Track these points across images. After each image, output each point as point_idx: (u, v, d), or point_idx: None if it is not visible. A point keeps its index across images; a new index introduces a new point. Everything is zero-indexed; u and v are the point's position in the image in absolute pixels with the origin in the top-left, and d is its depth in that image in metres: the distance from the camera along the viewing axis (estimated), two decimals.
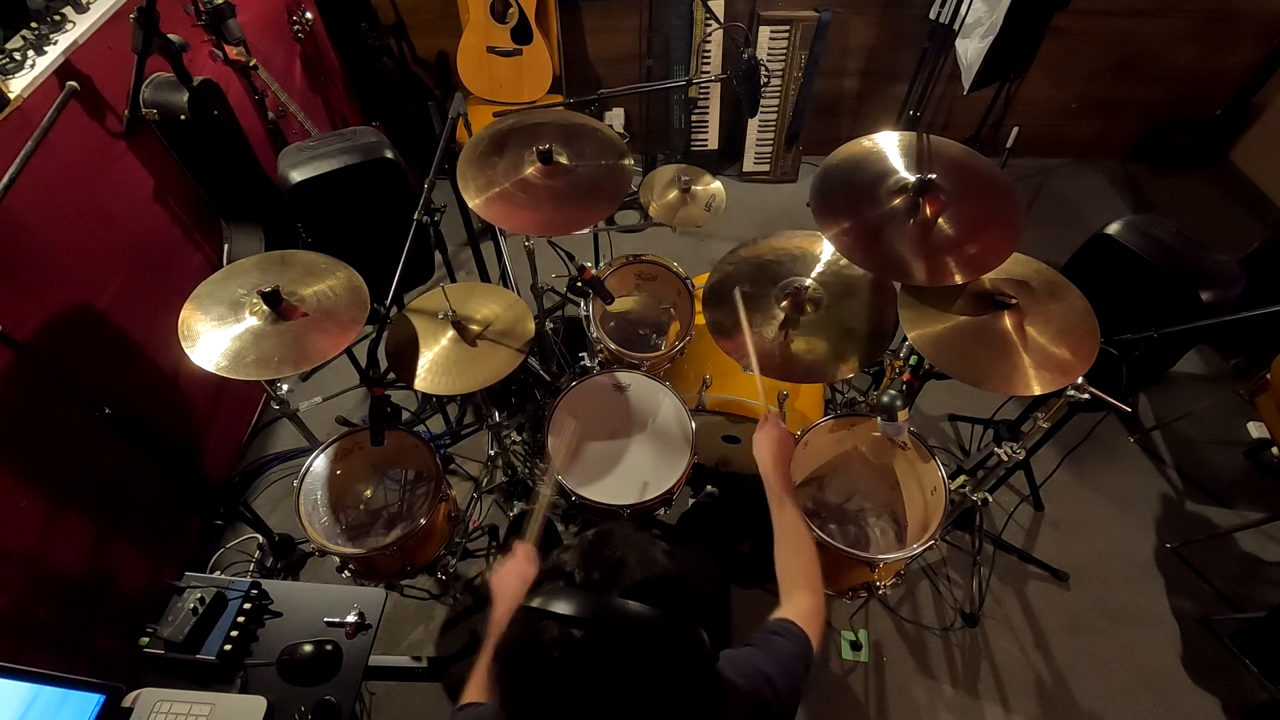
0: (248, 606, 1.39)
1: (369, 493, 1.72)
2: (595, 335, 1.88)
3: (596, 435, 1.69)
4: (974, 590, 2.06)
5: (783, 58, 3.08)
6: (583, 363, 1.95)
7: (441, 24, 3.13)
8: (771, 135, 3.37)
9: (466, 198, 1.60)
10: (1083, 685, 1.92)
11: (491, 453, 2.29)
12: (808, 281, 1.61)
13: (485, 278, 2.45)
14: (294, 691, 1.31)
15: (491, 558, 2.14)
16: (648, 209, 2.07)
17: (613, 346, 1.85)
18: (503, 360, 1.59)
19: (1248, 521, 2.16)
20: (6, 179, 1.27)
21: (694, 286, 1.93)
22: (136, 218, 1.93)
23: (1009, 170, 1.85)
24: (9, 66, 1.57)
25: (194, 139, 1.95)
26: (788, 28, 2.99)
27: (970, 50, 2.82)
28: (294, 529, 2.17)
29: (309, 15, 2.71)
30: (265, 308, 1.42)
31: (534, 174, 1.65)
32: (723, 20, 3.00)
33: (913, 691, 1.90)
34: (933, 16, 2.90)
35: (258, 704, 1.27)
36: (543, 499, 1.29)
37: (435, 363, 1.58)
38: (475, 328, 1.63)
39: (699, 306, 1.67)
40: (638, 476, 1.63)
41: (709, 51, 3.14)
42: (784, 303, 1.59)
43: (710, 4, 2.91)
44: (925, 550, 1.47)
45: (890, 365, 1.93)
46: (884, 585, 1.58)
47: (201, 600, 1.35)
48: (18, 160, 1.29)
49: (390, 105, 3.15)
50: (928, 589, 2.10)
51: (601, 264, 2.20)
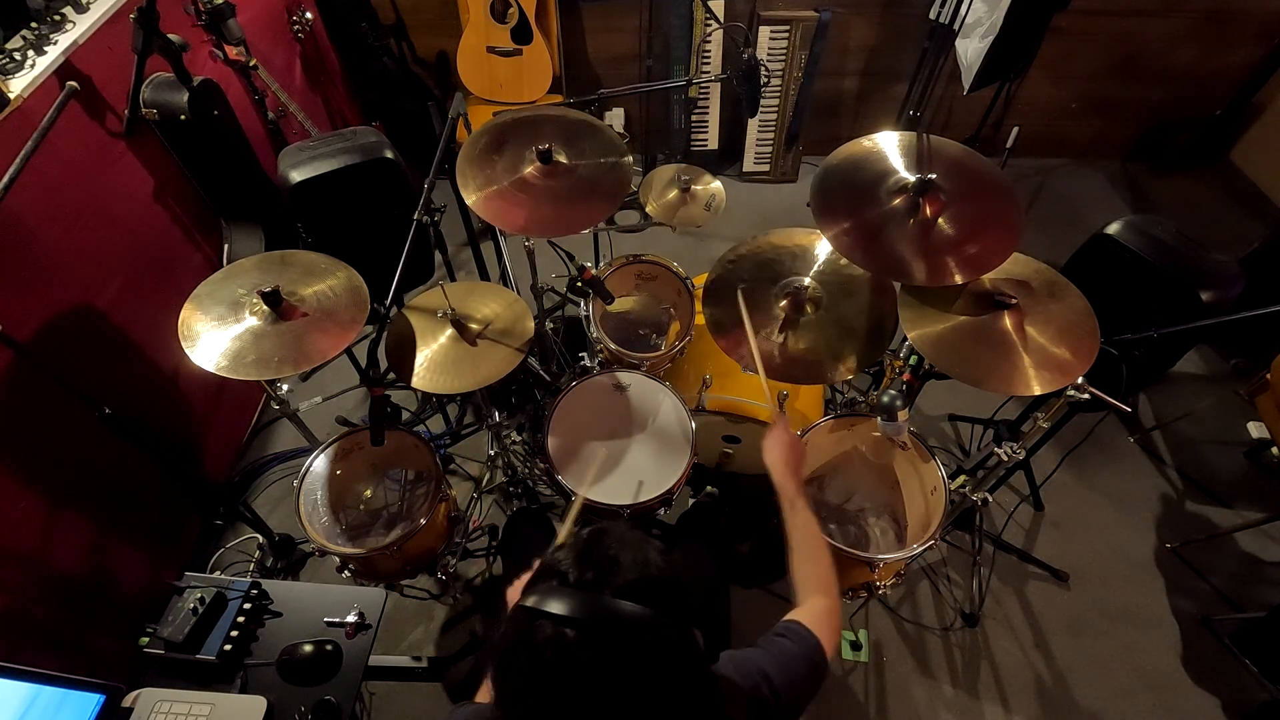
0: (248, 606, 1.39)
1: (369, 493, 1.72)
2: (595, 335, 1.88)
3: (597, 435, 1.70)
4: (974, 590, 2.06)
5: (783, 58, 3.08)
6: (583, 363, 1.95)
7: (441, 24, 3.13)
8: (771, 135, 3.37)
9: (466, 197, 1.60)
10: (1083, 685, 1.92)
11: (491, 453, 2.29)
12: (807, 281, 1.61)
13: (485, 278, 2.45)
14: (294, 691, 1.31)
15: (491, 558, 2.14)
16: (647, 209, 2.07)
17: (613, 346, 1.85)
18: (502, 360, 1.59)
19: (1248, 521, 2.16)
20: (6, 179, 1.27)
21: (694, 286, 1.93)
22: (136, 218, 1.93)
23: (1009, 170, 1.85)
24: (9, 66, 1.57)
25: (194, 139, 1.95)
26: (788, 28, 2.99)
27: (970, 50, 2.82)
28: (294, 529, 2.17)
29: (309, 15, 2.71)
30: (265, 308, 1.42)
31: (534, 173, 1.65)
32: (723, 20, 3.00)
33: (913, 691, 1.90)
34: (933, 16, 2.90)
35: (258, 704, 1.27)
36: (574, 512, 1.28)
37: (435, 362, 1.58)
38: (475, 327, 1.63)
39: (699, 306, 1.67)
40: (638, 476, 1.62)
41: (709, 51, 3.14)
42: (783, 302, 1.59)
43: (710, 4, 2.91)
44: (925, 550, 1.47)
45: (890, 365, 1.93)
46: (884, 585, 1.58)
47: (201, 600, 1.35)
48: (18, 160, 1.29)
49: (390, 105, 3.15)
50: (928, 589, 2.10)
51: (601, 264, 2.20)
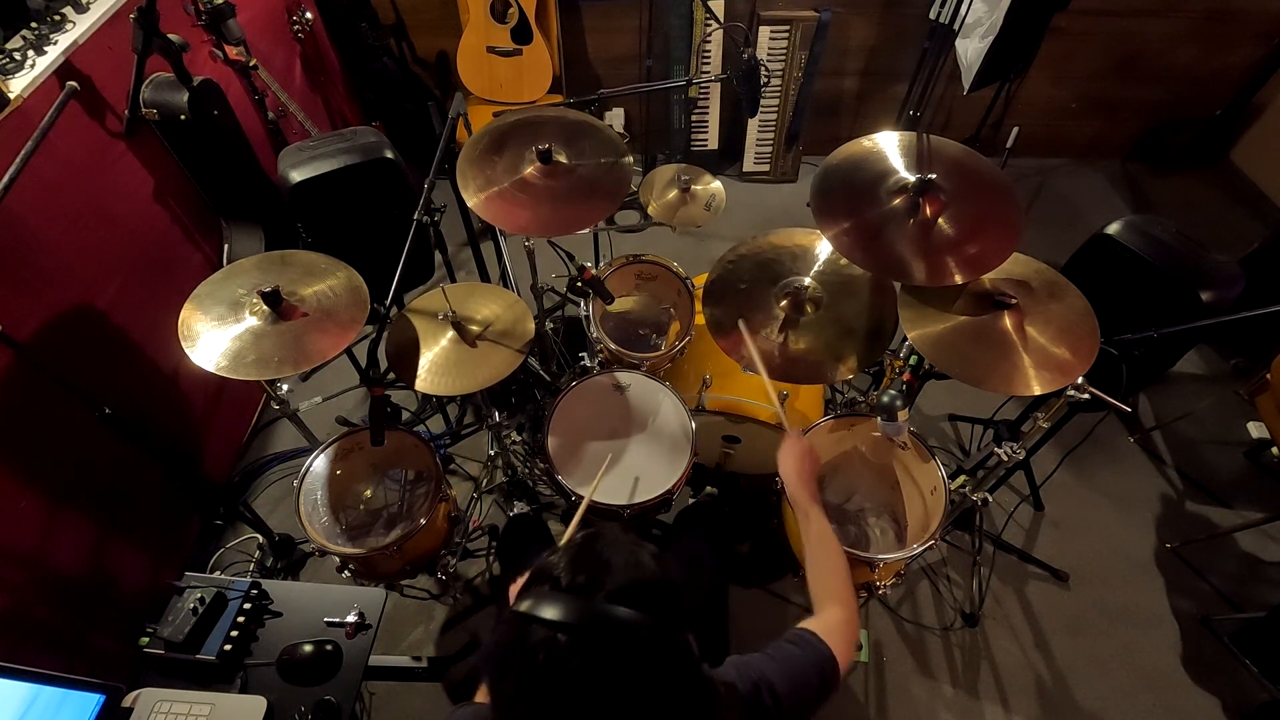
0: (248, 606, 1.39)
1: (369, 493, 1.72)
2: (595, 335, 1.88)
3: (596, 435, 1.70)
4: (974, 590, 2.06)
5: (783, 58, 3.08)
6: (583, 363, 1.95)
7: (441, 24, 3.13)
8: (771, 135, 3.37)
9: (466, 197, 1.60)
10: (1083, 685, 1.92)
11: (491, 453, 2.29)
12: (807, 281, 1.61)
13: (485, 278, 2.45)
14: (294, 691, 1.31)
15: (491, 557, 2.14)
16: (648, 209, 2.07)
17: (613, 346, 1.85)
18: (503, 360, 1.59)
19: (1248, 521, 2.16)
20: (6, 179, 1.26)
21: (694, 286, 1.93)
22: (136, 218, 1.93)
23: (1009, 170, 1.85)
24: (9, 66, 1.57)
25: (194, 139, 1.95)
26: (788, 28, 2.99)
27: (970, 50, 2.82)
28: (294, 529, 2.17)
29: (309, 15, 2.71)
30: (265, 308, 1.42)
31: (534, 173, 1.65)
32: (723, 20, 3.00)
33: (913, 691, 1.90)
34: (933, 16, 2.89)
35: (258, 704, 1.27)
36: (579, 515, 1.29)
37: (435, 363, 1.58)
38: (475, 328, 1.63)
39: (699, 306, 1.67)
40: (637, 476, 1.62)
41: (709, 51, 3.14)
42: (783, 302, 1.59)
43: (710, 4, 2.91)
44: (925, 550, 1.47)
45: (890, 365, 1.93)
46: (884, 585, 1.58)
47: (201, 600, 1.35)
48: (18, 160, 1.29)
49: (390, 105, 3.15)
50: (928, 589, 2.10)
51: (601, 264, 2.20)
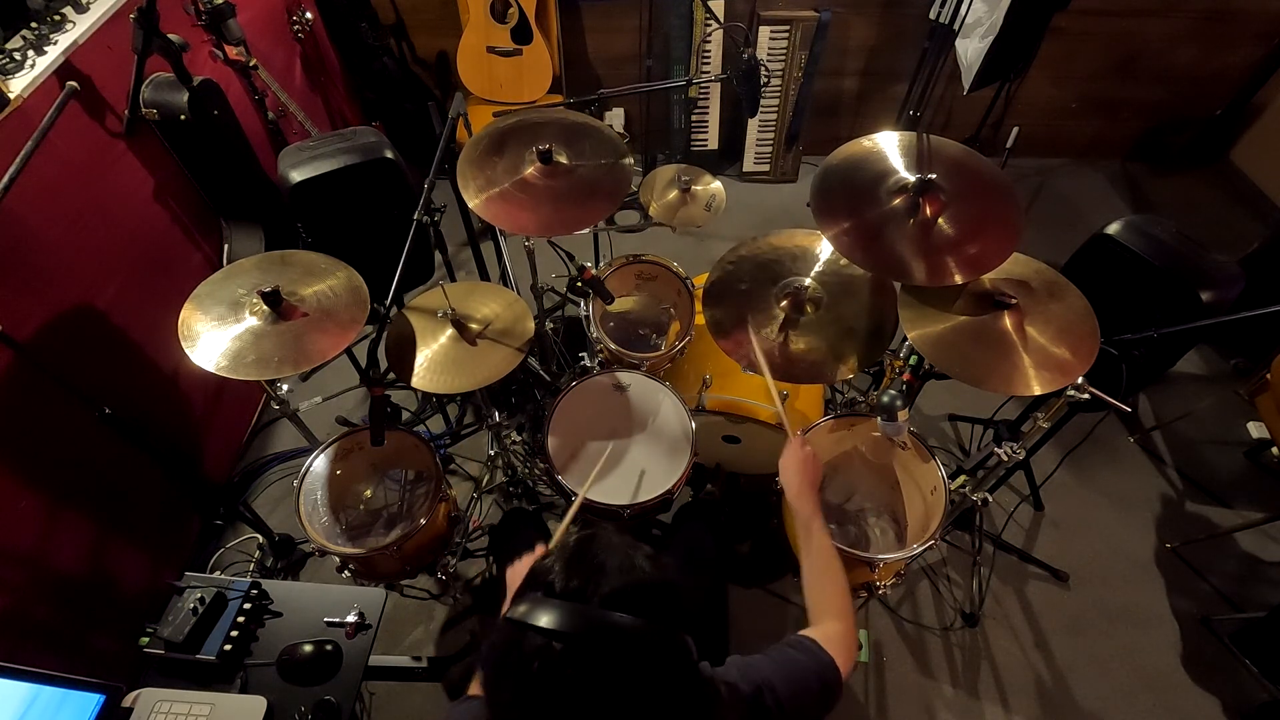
0: (248, 606, 1.39)
1: (369, 493, 1.72)
2: (595, 335, 1.87)
3: (597, 435, 1.70)
4: (974, 590, 2.06)
5: (783, 58, 3.08)
6: (583, 363, 1.95)
7: (441, 24, 3.13)
8: (771, 135, 3.36)
9: (466, 198, 1.60)
10: (1083, 685, 1.92)
11: (491, 453, 2.29)
12: (807, 281, 1.61)
13: (485, 278, 2.45)
14: (294, 691, 1.31)
15: (491, 558, 2.14)
16: (648, 209, 2.07)
17: (613, 346, 1.85)
18: (502, 360, 1.59)
19: (1248, 521, 2.16)
20: (6, 179, 1.27)
21: (694, 286, 1.93)
22: (136, 218, 1.93)
23: (1009, 170, 1.85)
24: (9, 66, 1.57)
25: (194, 139, 1.95)
26: (788, 28, 2.99)
27: (970, 50, 2.81)
28: (294, 529, 2.17)
29: (309, 15, 2.71)
30: (265, 308, 1.42)
31: (534, 174, 1.65)
32: (723, 20, 3.00)
33: (913, 691, 1.90)
34: (933, 16, 2.89)
35: (258, 704, 1.27)
36: (573, 511, 1.29)
37: (435, 362, 1.58)
38: (475, 327, 1.63)
39: (699, 306, 1.66)
40: (637, 476, 1.62)
41: (709, 51, 3.13)
42: (783, 302, 1.59)
43: (710, 4, 2.91)
44: (925, 550, 1.47)
45: (890, 365, 1.93)
46: (884, 585, 1.58)
47: (201, 600, 1.35)
48: (18, 160, 1.29)
49: (390, 105, 3.15)
50: (928, 589, 2.10)
51: (601, 264, 2.20)
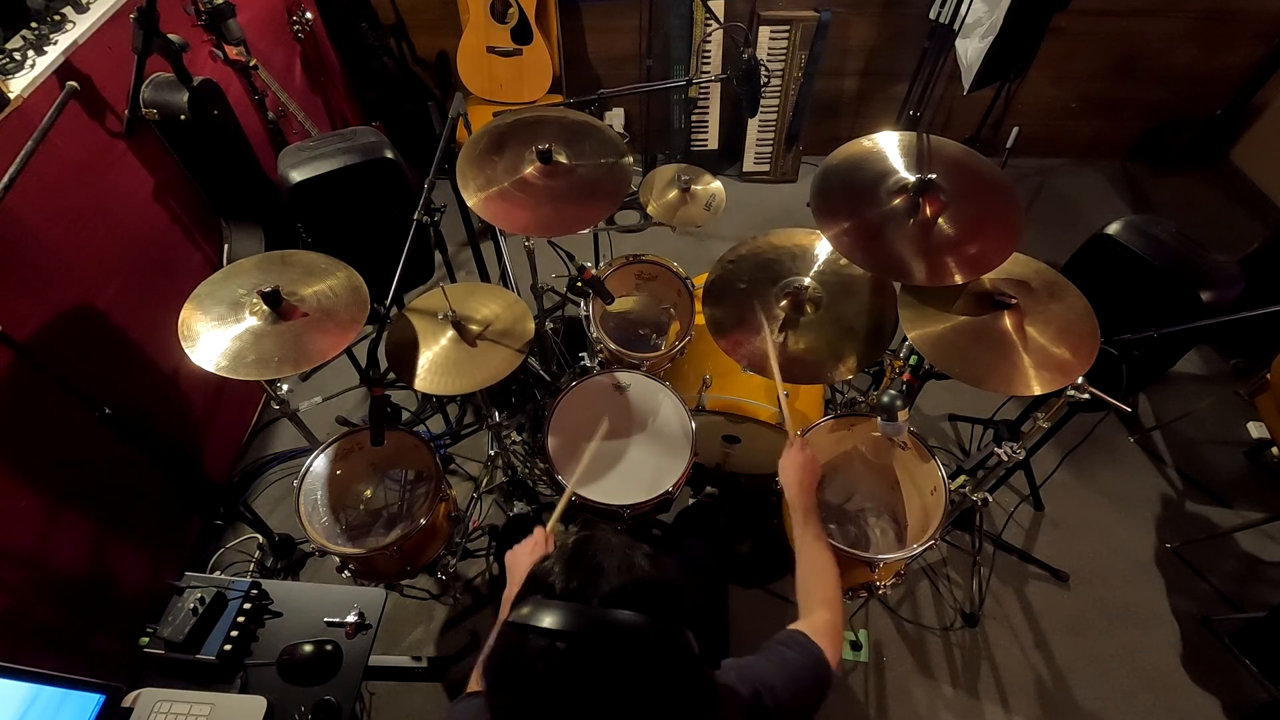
0: (248, 606, 1.39)
1: (369, 493, 1.72)
2: (595, 335, 1.87)
3: (596, 435, 1.69)
4: (974, 590, 2.06)
5: (783, 58, 3.08)
6: (583, 363, 1.95)
7: (441, 24, 3.13)
8: (771, 135, 3.36)
9: (466, 197, 1.60)
10: (1083, 685, 1.92)
11: (491, 453, 2.29)
12: (807, 281, 1.61)
13: (485, 278, 2.45)
14: (294, 691, 1.31)
15: (491, 557, 2.14)
16: (648, 209, 2.07)
17: (613, 346, 1.85)
18: (503, 360, 1.59)
19: (1248, 521, 2.16)
20: (6, 179, 1.27)
21: (694, 286, 1.93)
22: (136, 218, 1.93)
23: (1009, 170, 1.84)
24: (9, 66, 1.57)
25: (194, 139, 1.95)
26: (788, 28, 2.99)
27: (970, 50, 2.81)
28: (294, 529, 2.17)
29: (309, 15, 2.71)
30: (265, 308, 1.42)
31: (534, 174, 1.65)
32: (723, 20, 3.00)
33: (913, 691, 1.90)
34: (933, 16, 2.89)
35: (258, 704, 1.27)
36: (568, 492, 1.32)
37: (435, 363, 1.58)
38: (475, 328, 1.63)
39: (699, 306, 1.66)
40: (637, 476, 1.62)
41: (709, 51, 3.14)
42: (783, 302, 1.59)
43: (710, 4, 2.91)
44: (925, 550, 1.47)
45: (890, 365, 1.93)
46: (884, 585, 1.58)
47: (201, 600, 1.35)
48: (18, 160, 1.29)
49: (390, 105, 3.15)
50: (928, 589, 2.10)
51: (601, 264, 2.20)
